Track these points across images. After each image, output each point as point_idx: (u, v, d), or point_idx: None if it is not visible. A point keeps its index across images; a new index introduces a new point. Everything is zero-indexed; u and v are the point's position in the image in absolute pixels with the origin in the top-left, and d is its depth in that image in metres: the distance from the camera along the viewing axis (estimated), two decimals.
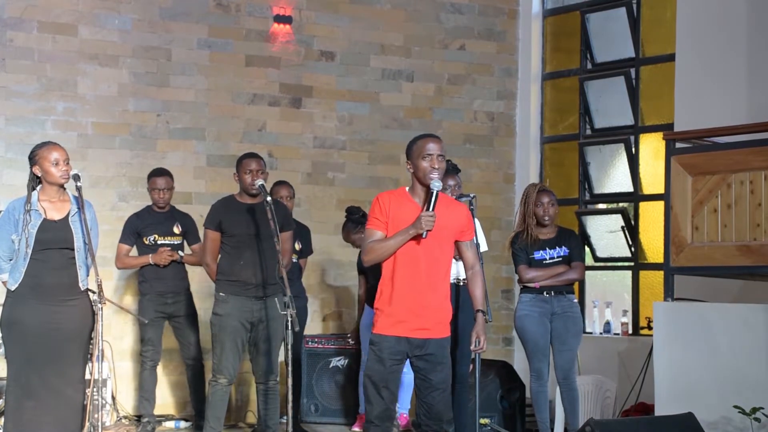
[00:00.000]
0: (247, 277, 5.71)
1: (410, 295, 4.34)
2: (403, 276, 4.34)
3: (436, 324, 4.41)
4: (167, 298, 6.95)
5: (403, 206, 4.38)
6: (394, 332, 4.36)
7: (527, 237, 6.26)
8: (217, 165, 8.06)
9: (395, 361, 4.35)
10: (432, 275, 4.35)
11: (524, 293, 6.29)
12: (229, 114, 8.14)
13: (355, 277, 8.14)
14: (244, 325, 5.76)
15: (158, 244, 6.99)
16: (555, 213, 6.34)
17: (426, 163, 4.32)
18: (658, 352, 5.90)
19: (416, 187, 4.42)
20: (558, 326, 6.26)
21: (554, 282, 6.26)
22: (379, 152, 8.61)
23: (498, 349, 8.84)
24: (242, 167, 5.85)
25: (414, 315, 4.34)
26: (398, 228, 4.34)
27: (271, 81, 8.25)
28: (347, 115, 8.52)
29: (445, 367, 4.40)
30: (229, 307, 5.76)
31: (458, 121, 8.90)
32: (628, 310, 8.26)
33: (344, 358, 7.49)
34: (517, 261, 6.31)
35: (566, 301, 6.30)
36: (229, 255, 5.83)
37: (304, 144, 8.39)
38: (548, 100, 9.11)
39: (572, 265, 6.33)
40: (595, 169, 8.73)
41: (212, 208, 5.97)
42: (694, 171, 5.91)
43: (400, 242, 4.31)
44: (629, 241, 8.38)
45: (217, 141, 8.06)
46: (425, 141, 4.38)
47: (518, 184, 9.04)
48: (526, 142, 9.07)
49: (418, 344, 4.36)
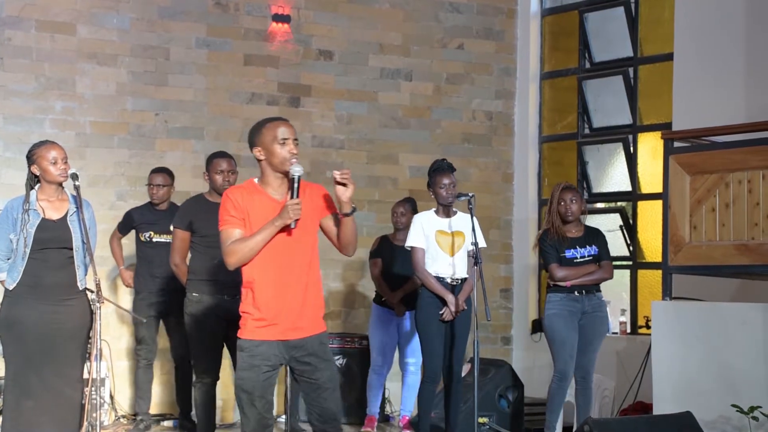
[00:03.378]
0: (220, 275, 5.58)
1: (281, 292, 3.98)
2: (271, 273, 3.98)
3: (311, 320, 4.04)
4: (160, 296, 6.93)
5: (257, 200, 4.03)
6: (267, 336, 3.99)
7: (555, 235, 6.20)
8: None
9: (269, 368, 4.00)
10: (303, 267, 4.01)
11: (553, 292, 6.19)
12: (228, 113, 8.13)
13: (353, 275, 8.39)
14: (219, 322, 5.64)
15: (154, 241, 6.98)
16: (578, 210, 6.26)
17: (283, 149, 3.98)
18: (656, 351, 5.89)
19: (268, 177, 4.04)
20: (587, 325, 6.18)
21: (586, 281, 6.18)
22: (378, 151, 8.61)
23: (496, 349, 8.83)
24: (212, 167, 5.77)
25: (287, 314, 3.98)
26: (256, 224, 3.99)
27: (270, 80, 8.25)
28: (346, 114, 8.51)
29: (330, 363, 4.05)
30: (203, 307, 5.68)
31: (457, 120, 8.88)
32: (626, 309, 8.25)
33: (343, 358, 7.48)
34: (548, 259, 6.22)
35: (596, 300, 6.24)
36: (201, 255, 5.75)
37: (303, 143, 8.29)
38: (547, 100, 9.08)
39: (602, 264, 6.26)
40: (593, 169, 8.72)
41: (182, 208, 5.90)
42: (693, 170, 5.89)
43: (267, 237, 3.95)
44: (628, 241, 8.38)
45: (215, 140, 8.02)
46: (277, 125, 4.01)
47: (517, 183, 9.04)
48: (525, 141, 9.04)
49: (296, 345, 4.01)
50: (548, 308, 6.18)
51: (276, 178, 4.05)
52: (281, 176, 4.04)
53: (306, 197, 4.04)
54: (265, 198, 4.04)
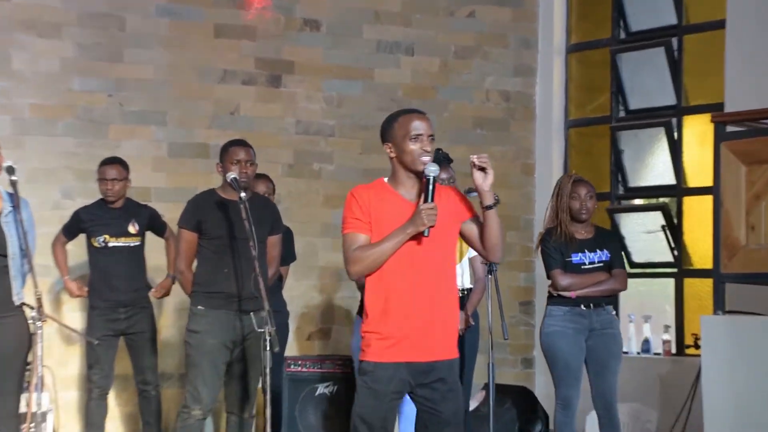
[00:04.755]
0: (232, 287, 5.70)
1: (410, 308, 4.18)
2: (399, 286, 4.18)
3: (443, 342, 4.26)
4: (120, 311, 6.92)
5: (386, 201, 4.23)
6: (391, 357, 4.19)
7: (562, 235, 6.20)
8: (180, 155, 8.03)
9: (394, 395, 4.21)
10: (437, 280, 4.22)
11: (555, 304, 6.21)
12: (195, 95, 8.11)
13: (346, 287, 8.30)
14: (225, 344, 5.75)
15: (110, 246, 6.97)
16: (593, 208, 6.27)
17: (415, 145, 4.20)
18: (707, 376, 5.90)
19: (399, 176, 4.26)
20: (597, 346, 6.19)
21: (594, 292, 6.19)
22: (374, 139, 8.21)
23: (516, 372, 8.85)
24: (228, 156, 5.82)
25: (416, 333, 4.19)
26: (383, 229, 4.19)
27: (245, 55, 8.23)
28: (336, 95, 8.51)
29: (457, 395, 4.26)
30: (208, 323, 5.74)
31: (467, 102, 8.88)
32: (670, 326, 8.27)
33: (333, 384, 7.51)
34: (551, 263, 6.22)
35: (606, 314, 6.24)
36: (210, 261, 5.81)
37: (285, 130, 8.37)
38: (574, 77, 9.07)
39: (613, 273, 6.26)
40: (630, 158, 8.71)
41: (189, 204, 5.94)
42: (749, 159, 5.90)
43: (398, 244, 4.16)
44: (671, 244, 8.39)
45: (180, 127, 8.02)
46: (410, 118, 4.25)
47: (539, 176, 9.06)
48: (548, 126, 9.06)
49: (424, 369, 4.21)
50: (548, 324, 6.19)
51: (408, 178, 4.22)
52: (414, 177, 4.22)
53: (442, 201, 4.20)
54: (396, 199, 4.22)
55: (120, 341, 7.02)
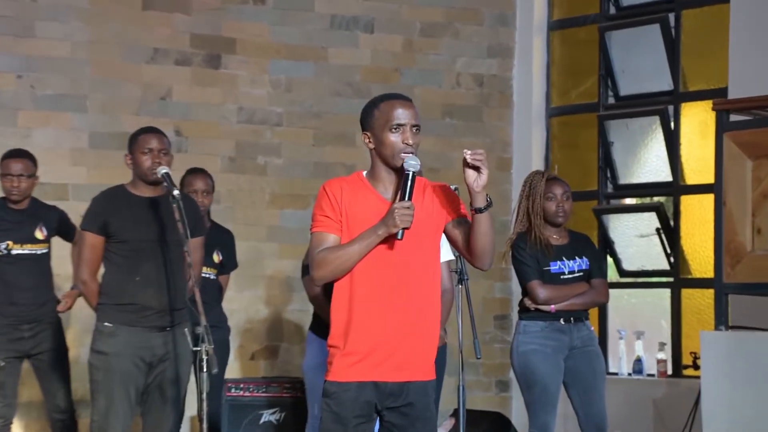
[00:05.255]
0: (147, 299, 5.64)
1: (377, 320, 4.18)
2: (367, 295, 4.19)
3: (417, 361, 4.23)
4: (24, 329, 6.81)
5: (361, 198, 4.23)
6: (354, 376, 4.19)
7: (536, 241, 6.21)
8: (103, 146, 7.93)
9: (360, 419, 4.19)
10: (413, 290, 4.20)
11: (530, 319, 6.23)
12: (120, 76, 8.06)
13: (298, 299, 8.21)
14: (139, 366, 5.66)
15: (13, 254, 6.85)
16: (570, 210, 6.29)
17: (396, 137, 4.15)
18: (708, 399, 5.95)
19: (378, 171, 4.24)
20: (580, 365, 6.22)
21: (576, 305, 6.22)
22: (328, 129, 8.59)
23: (490, 396, 8.89)
24: (138, 146, 5.79)
25: (384, 349, 4.19)
26: (355, 230, 4.18)
27: (179, 31, 8.20)
28: (284, 78, 8.49)
29: (429, 423, 4.25)
30: (118, 343, 5.66)
31: (435, 87, 8.88)
32: (666, 343, 8.27)
33: (280, 411, 7.49)
34: (527, 274, 6.25)
35: (586, 330, 6.28)
36: (118, 269, 5.74)
37: (225, 118, 8.33)
38: (557, 59, 9.08)
39: (593, 283, 6.30)
40: (620, 152, 8.71)
41: (93, 203, 5.88)
42: (756, 153, 5.98)
43: (367, 247, 4.15)
44: (667, 249, 8.39)
45: (103, 113, 7.97)
46: (391, 105, 4.21)
47: (516, 171, 9.03)
48: (527, 115, 9.06)
49: (392, 391, 4.20)
50: (523, 341, 6.23)
51: (388, 173, 4.22)
52: (393, 173, 4.21)
53: (425, 199, 4.22)
54: (372, 196, 4.22)
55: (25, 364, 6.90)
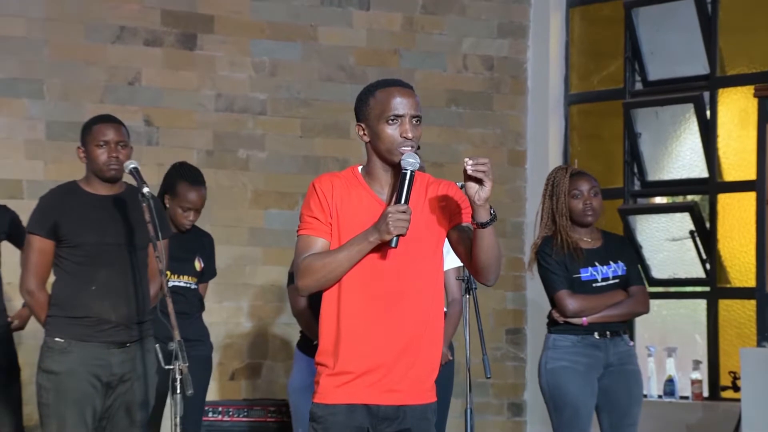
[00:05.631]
0: (104, 311, 5.67)
1: (370, 336, 4.19)
2: (359, 307, 4.20)
3: (416, 381, 4.24)
4: None
5: (355, 197, 4.24)
6: (344, 398, 4.20)
7: (563, 245, 6.22)
8: (62, 138, 7.83)
9: None
10: (412, 302, 4.20)
11: (560, 333, 6.27)
12: (82, 58, 8.05)
13: (285, 310, 8.16)
14: (95, 387, 5.68)
15: None
16: (600, 207, 6.30)
17: (393, 129, 4.15)
18: (748, 424, 6.09)
19: (373, 167, 4.25)
20: (614, 387, 6.22)
21: (611, 316, 6.22)
22: (319, 118, 8.57)
23: (502, 421, 8.90)
24: (92, 137, 5.81)
25: (378, 369, 4.20)
26: (347, 233, 4.19)
27: (149, 7, 8.20)
28: (268, 61, 8.47)
29: None
30: (71, 361, 5.68)
31: (439, 70, 8.87)
32: (701, 361, 8.23)
33: None
34: (554, 283, 6.27)
35: (624, 346, 6.30)
36: (71, 277, 5.76)
37: (202, 106, 8.29)
38: (577, 39, 9.08)
39: (631, 291, 6.31)
40: (649, 144, 8.69)
41: (41, 202, 5.91)
42: None
43: (358, 255, 4.15)
44: (702, 255, 8.35)
45: (62, 100, 7.96)
46: (389, 93, 4.20)
47: (531, 167, 9.06)
48: (543, 102, 9.04)
49: (387, 415, 4.21)
50: (551, 357, 6.28)
51: (384, 170, 4.23)
52: (391, 170, 4.23)
53: (426, 200, 4.23)
54: (367, 196, 4.23)
55: None
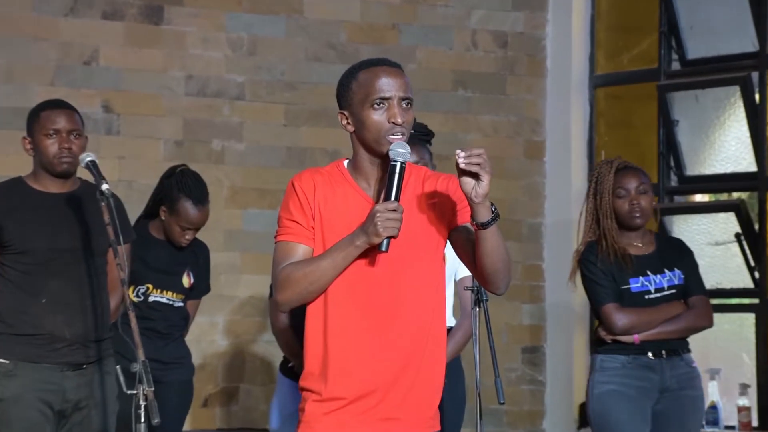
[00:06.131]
0: (56, 327, 5.71)
1: (362, 358, 4.18)
2: (347, 323, 4.17)
3: (415, 409, 4.22)
4: None
5: (340, 195, 4.23)
6: (333, 428, 4.19)
7: (610, 252, 6.21)
8: (8, 126, 7.85)
9: None
10: (406, 317, 4.17)
11: (608, 353, 6.29)
12: (32, 33, 8.11)
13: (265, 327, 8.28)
14: (46, 415, 5.73)
15: None
16: (649, 207, 6.32)
17: (379, 114, 4.13)
18: None
19: (360, 160, 4.25)
20: (671, 415, 6.24)
21: (668, 333, 6.22)
22: (305, 104, 8.60)
23: None
24: (40, 126, 5.85)
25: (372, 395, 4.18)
26: (333, 236, 4.17)
27: None
28: (246, 37, 8.51)
29: None
30: (18, 385, 5.74)
31: (444, 48, 8.91)
32: (750, 385, 8.26)
33: None
34: (600, 295, 6.30)
35: (685, 367, 6.29)
36: (17, 288, 5.81)
37: (170, 89, 8.34)
38: (604, 11, 9.16)
39: (691, 303, 6.33)
40: (687, 133, 8.73)
41: None
42: None
43: (343, 261, 4.13)
44: (750, 262, 8.40)
45: (6, 83, 8.03)
46: (374, 74, 4.19)
47: (550, 159, 9.13)
48: (565, 85, 9.10)
49: None
50: (599, 381, 6.33)
51: (372, 163, 4.22)
52: (379, 162, 4.21)
53: (423, 197, 4.23)
54: (353, 193, 4.22)
55: None
